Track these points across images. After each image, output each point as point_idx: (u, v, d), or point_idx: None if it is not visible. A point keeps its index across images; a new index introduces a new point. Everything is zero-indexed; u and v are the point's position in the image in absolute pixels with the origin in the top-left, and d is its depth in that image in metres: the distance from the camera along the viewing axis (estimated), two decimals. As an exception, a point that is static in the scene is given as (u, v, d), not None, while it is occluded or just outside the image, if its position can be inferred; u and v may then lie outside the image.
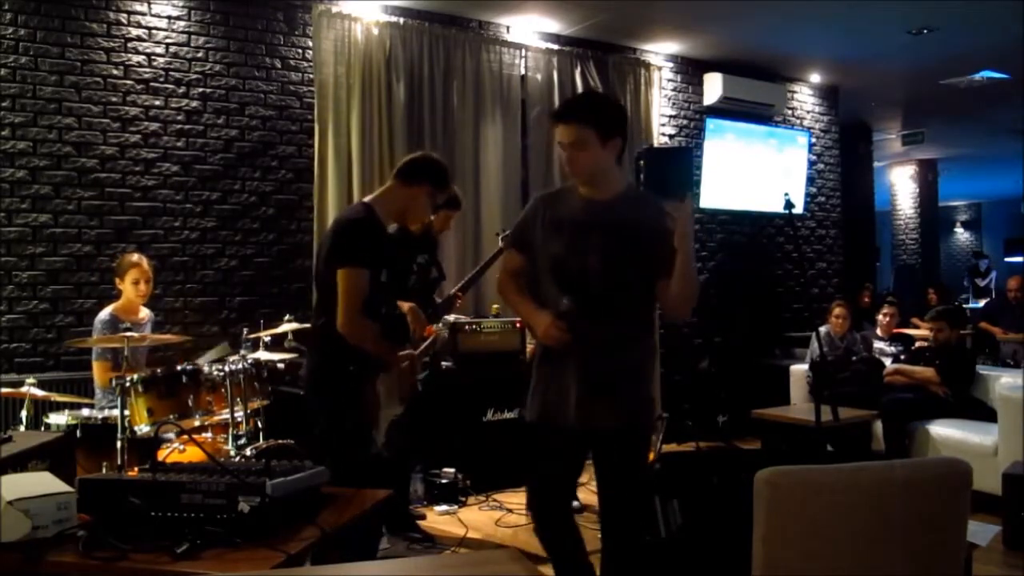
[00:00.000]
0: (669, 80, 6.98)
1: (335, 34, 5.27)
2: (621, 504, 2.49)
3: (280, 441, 3.79)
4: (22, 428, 3.72)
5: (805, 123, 8.01)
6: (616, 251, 2.37)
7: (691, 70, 7.12)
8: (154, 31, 4.83)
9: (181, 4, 4.91)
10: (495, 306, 5.47)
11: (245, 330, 4.16)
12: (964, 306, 10.12)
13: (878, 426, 5.18)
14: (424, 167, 3.06)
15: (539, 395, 2.50)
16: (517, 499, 4.76)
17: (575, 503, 4.60)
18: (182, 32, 4.91)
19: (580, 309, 2.36)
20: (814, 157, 8.05)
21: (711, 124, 7.09)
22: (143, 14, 4.80)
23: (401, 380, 3.14)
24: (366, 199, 3.09)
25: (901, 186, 12.68)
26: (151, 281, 4.22)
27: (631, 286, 2.41)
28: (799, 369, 6.13)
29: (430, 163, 3.09)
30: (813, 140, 8.02)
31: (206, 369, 3.72)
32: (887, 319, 6.50)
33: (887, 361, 5.81)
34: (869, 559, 1.63)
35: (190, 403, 3.63)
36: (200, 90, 4.96)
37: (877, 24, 6.23)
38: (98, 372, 4.06)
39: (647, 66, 6.70)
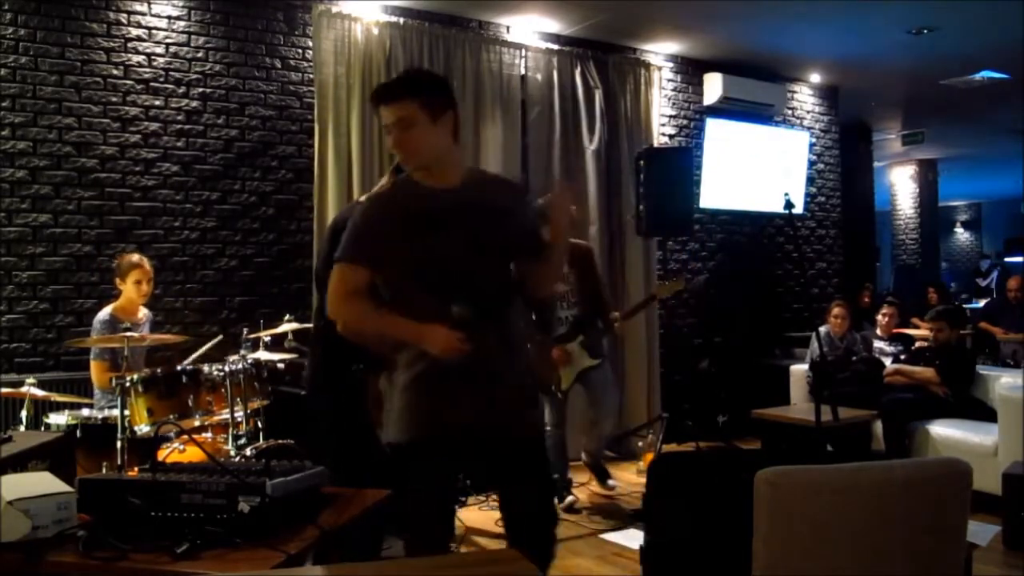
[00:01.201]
0: (669, 80, 6.98)
1: (335, 34, 5.26)
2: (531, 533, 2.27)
3: (280, 441, 3.79)
4: (22, 428, 3.72)
5: (805, 123, 8.01)
6: (487, 240, 2.19)
7: (691, 70, 7.12)
8: (154, 31, 4.83)
9: (181, 4, 4.91)
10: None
11: (245, 330, 4.16)
12: (964, 306, 10.12)
13: (878, 426, 5.17)
14: None
15: (422, 411, 2.20)
16: (517, 499, 4.76)
17: (571, 498, 4.61)
18: (182, 32, 4.91)
19: (472, 311, 2.14)
20: (814, 157, 8.05)
21: (711, 124, 7.10)
22: (143, 14, 4.80)
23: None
24: (362, 198, 3.07)
25: (901, 186, 12.68)
26: (152, 281, 4.22)
27: (503, 274, 2.27)
28: (799, 369, 6.13)
29: None
30: (813, 140, 8.01)
31: (206, 369, 3.72)
32: (887, 319, 6.50)
33: (887, 361, 5.80)
34: (869, 559, 1.63)
35: (190, 403, 3.64)
36: (200, 90, 4.96)
37: (877, 24, 6.23)
38: (96, 372, 4.05)
39: (647, 66, 6.69)
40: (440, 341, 2.10)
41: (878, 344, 6.32)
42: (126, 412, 3.45)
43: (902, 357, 5.85)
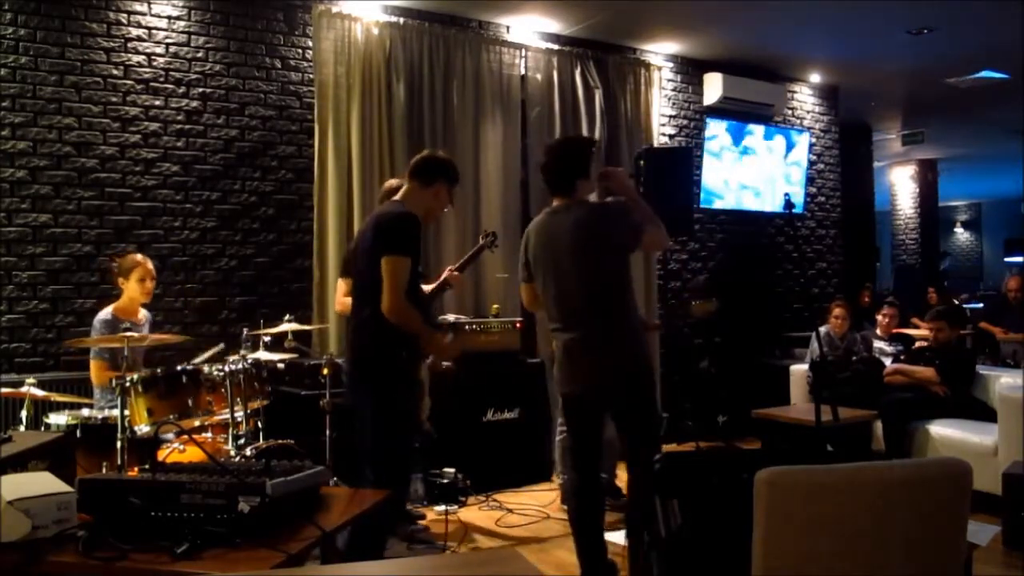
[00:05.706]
0: (669, 80, 6.98)
1: (335, 34, 5.26)
2: None
3: (280, 441, 3.79)
4: (22, 428, 3.72)
5: (805, 123, 8.01)
6: None
7: (691, 70, 7.12)
8: (154, 31, 4.83)
9: (181, 4, 4.91)
10: (495, 306, 5.47)
11: (245, 330, 4.16)
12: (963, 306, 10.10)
13: (878, 426, 5.17)
14: (438, 165, 3.25)
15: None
16: (517, 499, 4.76)
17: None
18: (182, 32, 4.91)
19: None
20: (814, 157, 8.05)
21: (711, 124, 7.10)
22: (143, 14, 4.80)
23: (441, 352, 3.46)
24: (396, 198, 3.25)
25: (901, 186, 12.68)
26: (155, 279, 4.22)
27: None
28: (799, 369, 6.12)
29: (441, 161, 3.29)
30: (813, 140, 8.01)
31: (206, 369, 3.72)
32: (887, 319, 6.50)
33: (887, 361, 5.80)
34: (869, 559, 1.62)
35: (190, 403, 3.63)
36: (200, 90, 4.96)
37: (877, 24, 6.23)
38: (95, 371, 4.04)
39: (647, 66, 6.69)
40: None
41: (878, 344, 6.32)
42: (126, 412, 3.45)
43: (902, 357, 5.85)
